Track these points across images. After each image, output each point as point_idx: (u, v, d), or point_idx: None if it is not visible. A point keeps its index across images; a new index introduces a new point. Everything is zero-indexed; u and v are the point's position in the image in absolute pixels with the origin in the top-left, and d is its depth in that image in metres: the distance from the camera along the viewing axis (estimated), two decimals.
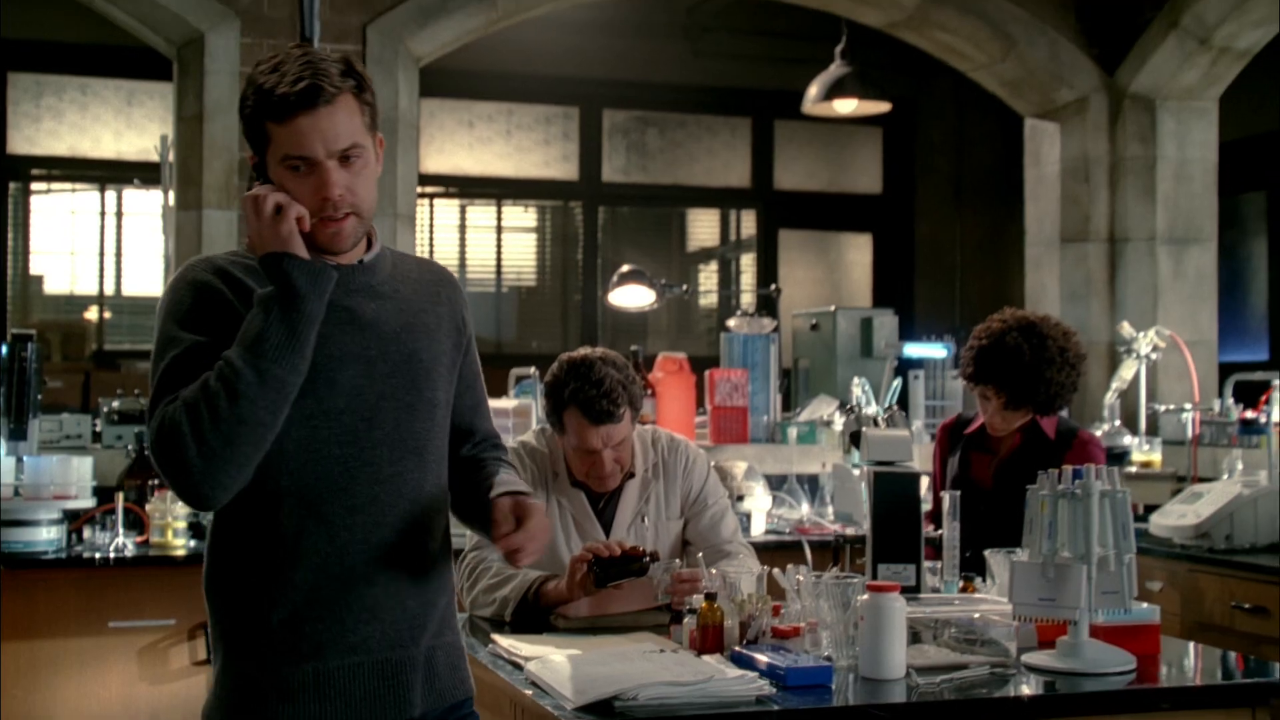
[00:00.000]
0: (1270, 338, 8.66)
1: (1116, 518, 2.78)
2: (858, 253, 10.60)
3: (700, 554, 3.28)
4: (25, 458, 4.49)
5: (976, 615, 2.86)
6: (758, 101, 9.94)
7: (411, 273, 2.40)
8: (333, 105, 2.17)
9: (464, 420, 2.47)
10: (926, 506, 3.62)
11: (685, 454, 3.44)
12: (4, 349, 4.79)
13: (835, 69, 7.27)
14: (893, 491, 3.03)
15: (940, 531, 3.28)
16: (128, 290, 9.17)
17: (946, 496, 3.26)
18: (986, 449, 3.95)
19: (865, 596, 2.65)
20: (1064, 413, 3.98)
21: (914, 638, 2.80)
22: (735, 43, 9.53)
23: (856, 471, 4.34)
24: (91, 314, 9.06)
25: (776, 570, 2.94)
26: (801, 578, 2.85)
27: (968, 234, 10.29)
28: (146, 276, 9.12)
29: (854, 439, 3.28)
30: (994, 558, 3.15)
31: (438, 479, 2.37)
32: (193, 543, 4.65)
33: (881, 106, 7.54)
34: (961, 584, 3.19)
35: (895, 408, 3.46)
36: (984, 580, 3.24)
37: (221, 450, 2.09)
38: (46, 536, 4.39)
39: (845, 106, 7.44)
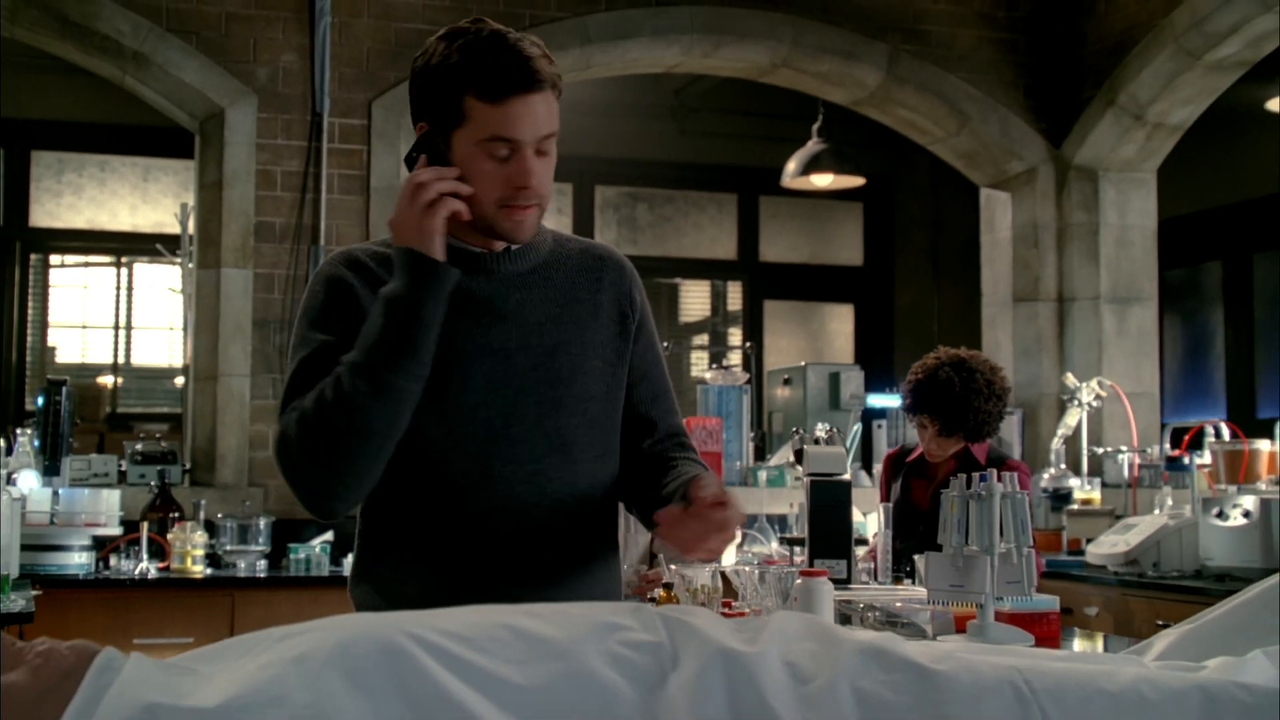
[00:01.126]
0: (1226, 399, 9.10)
1: (1016, 516, 3.20)
2: (840, 322, 10.94)
3: (663, 557, 3.69)
4: (60, 490, 4.93)
5: (898, 603, 3.29)
6: (743, 178, 10.27)
7: (571, 259, 2.25)
8: (544, 92, 2.05)
9: (641, 411, 2.30)
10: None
11: None
12: (40, 398, 5.26)
13: (812, 145, 7.70)
14: (827, 497, 3.46)
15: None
16: (137, 360, 9.53)
17: (881, 509, 3.71)
18: (925, 475, 4.38)
19: (799, 582, 3.08)
20: (995, 442, 4.42)
21: (844, 620, 3.22)
22: (721, 122, 9.83)
23: None
24: (105, 379, 9.45)
25: (726, 567, 3.37)
26: (748, 569, 3.28)
27: (945, 303, 10.67)
28: (155, 347, 9.52)
29: (798, 456, 3.72)
30: (920, 559, 3.58)
31: (593, 478, 2.22)
32: (210, 570, 5.09)
33: (856, 181, 7.97)
34: (892, 583, 3.63)
35: (834, 430, 3.89)
36: (914, 582, 3.67)
37: (334, 463, 2.00)
38: (78, 560, 4.83)
39: (822, 180, 7.90)
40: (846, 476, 3.53)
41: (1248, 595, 2.08)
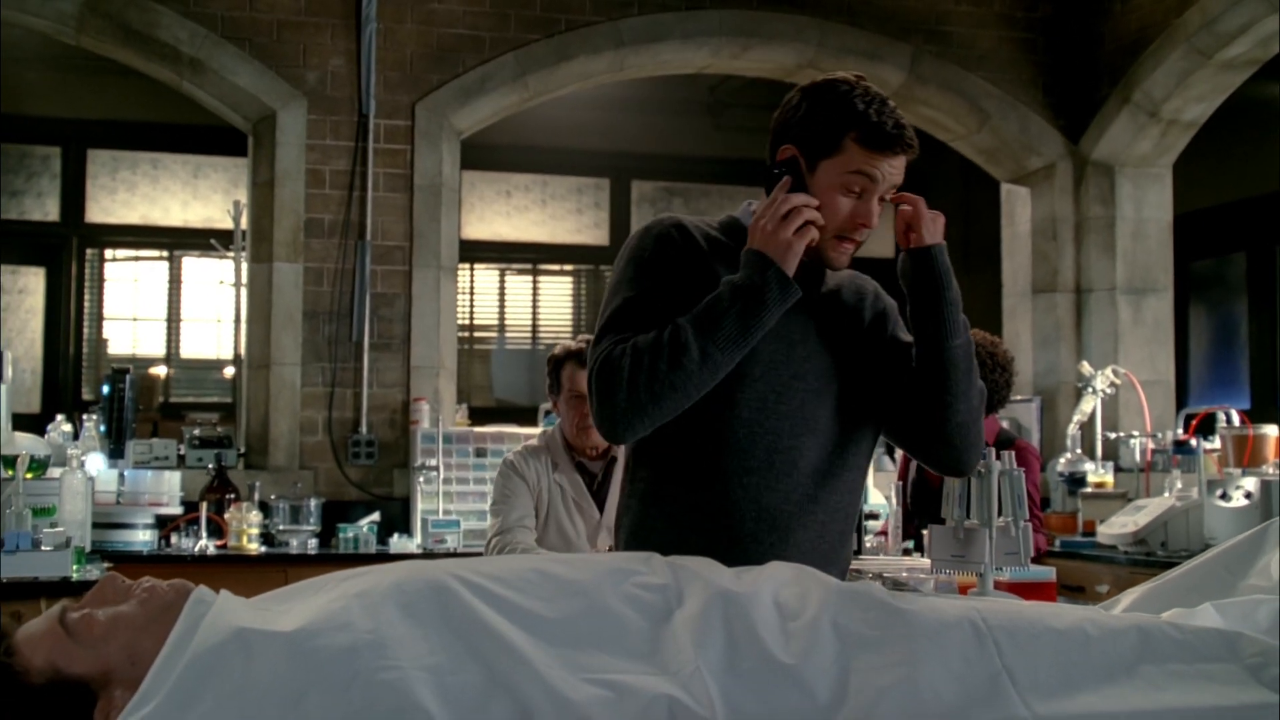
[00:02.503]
0: (1251, 387, 9.25)
1: (1014, 491, 3.44)
2: None
3: None
4: (125, 471, 5.24)
5: (904, 572, 3.54)
6: None
7: (844, 279, 2.51)
8: (904, 156, 2.35)
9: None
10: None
11: None
12: (105, 386, 5.57)
13: None
14: None
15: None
16: (186, 351, 9.81)
17: (894, 487, 3.96)
18: None
19: None
20: (1009, 425, 4.64)
21: None
22: (754, 117, 9.83)
23: None
24: (157, 370, 9.74)
25: None
26: None
27: (975, 297, 10.75)
28: (204, 339, 9.80)
29: None
30: (927, 531, 3.83)
31: (843, 462, 2.45)
32: (264, 548, 5.40)
33: None
34: (902, 554, 3.88)
35: None
36: (924, 555, 3.91)
37: (646, 404, 2.24)
38: (142, 538, 5.15)
39: None
40: None
41: (1206, 556, 2.32)
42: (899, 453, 4.86)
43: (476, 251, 9.89)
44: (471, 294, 10.05)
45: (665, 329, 2.26)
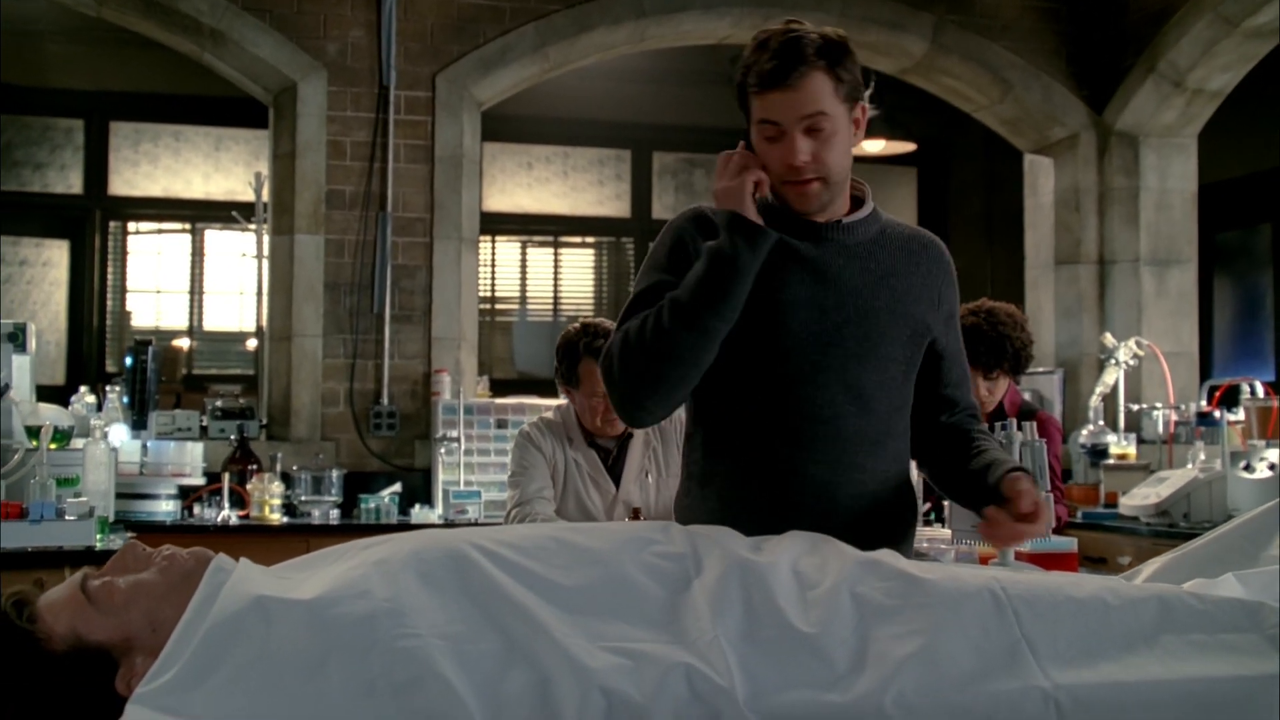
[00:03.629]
0: (1275, 359, 9.20)
1: (1035, 462, 3.44)
2: None
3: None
4: (148, 442, 5.27)
5: (925, 543, 3.54)
6: None
7: (896, 240, 2.45)
8: (802, 81, 2.26)
9: (946, 391, 2.54)
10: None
11: (679, 420, 4.05)
12: (129, 358, 5.59)
13: None
14: None
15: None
16: (209, 324, 9.80)
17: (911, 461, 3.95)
18: None
19: None
20: (1030, 397, 4.62)
21: None
22: None
23: None
24: (180, 342, 9.78)
25: None
26: None
27: (998, 268, 10.78)
28: (227, 311, 9.81)
29: None
30: (948, 502, 3.82)
31: (887, 430, 2.42)
32: (286, 518, 5.42)
33: (908, 146, 8.15)
34: (923, 526, 3.87)
35: None
36: (945, 526, 3.91)
37: (645, 379, 2.29)
38: (165, 508, 5.18)
39: (873, 146, 8.08)
40: None
41: (1229, 527, 2.31)
42: None
43: (498, 224, 9.85)
44: (493, 266, 10.02)
45: (654, 308, 2.30)
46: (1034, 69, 6.78)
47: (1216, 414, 5.44)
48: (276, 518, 5.36)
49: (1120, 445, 5.93)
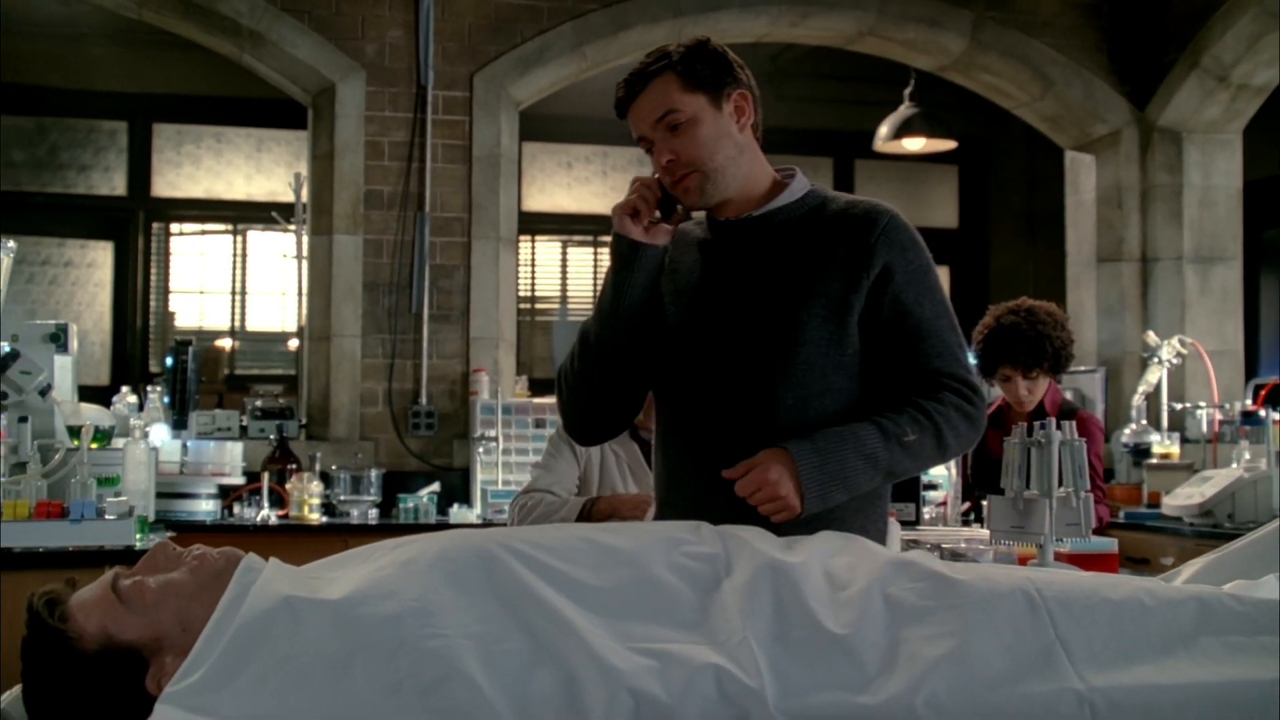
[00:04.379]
0: None
1: (1074, 462, 3.40)
2: None
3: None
4: (188, 442, 5.29)
5: (963, 543, 3.51)
6: (838, 142, 10.33)
7: (821, 218, 2.41)
8: (645, 90, 2.38)
9: (937, 365, 2.38)
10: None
11: None
12: (169, 358, 5.62)
13: (904, 110, 7.80)
14: None
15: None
16: (251, 324, 9.85)
17: (952, 461, 3.93)
18: (1002, 427, 4.56)
19: None
20: (1071, 396, 4.58)
21: None
22: (816, 87, 9.84)
23: None
24: (223, 342, 9.84)
25: None
26: None
27: (1040, 266, 10.70)
28: (269, 312, 9.86)
29: None
30: (987, 502, 3.79)
31: (802, 418, 2.32)
32: (325, 518, 5.44)
33: (948, 144, 8.06)
34: (961, 525, 3.85)
35: None
36: (983, 526, 3.88)
37: (570, 396, 2.48)
38: (205, 508, 5.20)
39: (914, 144, 8.01)
40: None
41: (1270, 527, 2.27)
42: None
43: (538, 223, 9.89)
44: (534, 266, 10.06)
45: None
46: (1075, 65, 6.72)
47: (1262, 413, 5.37)
48: (316, 517, 5.38)
49: (1163, 444, 5.87)
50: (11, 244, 4.12)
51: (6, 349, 4.17)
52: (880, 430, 2.30)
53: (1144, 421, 6.01)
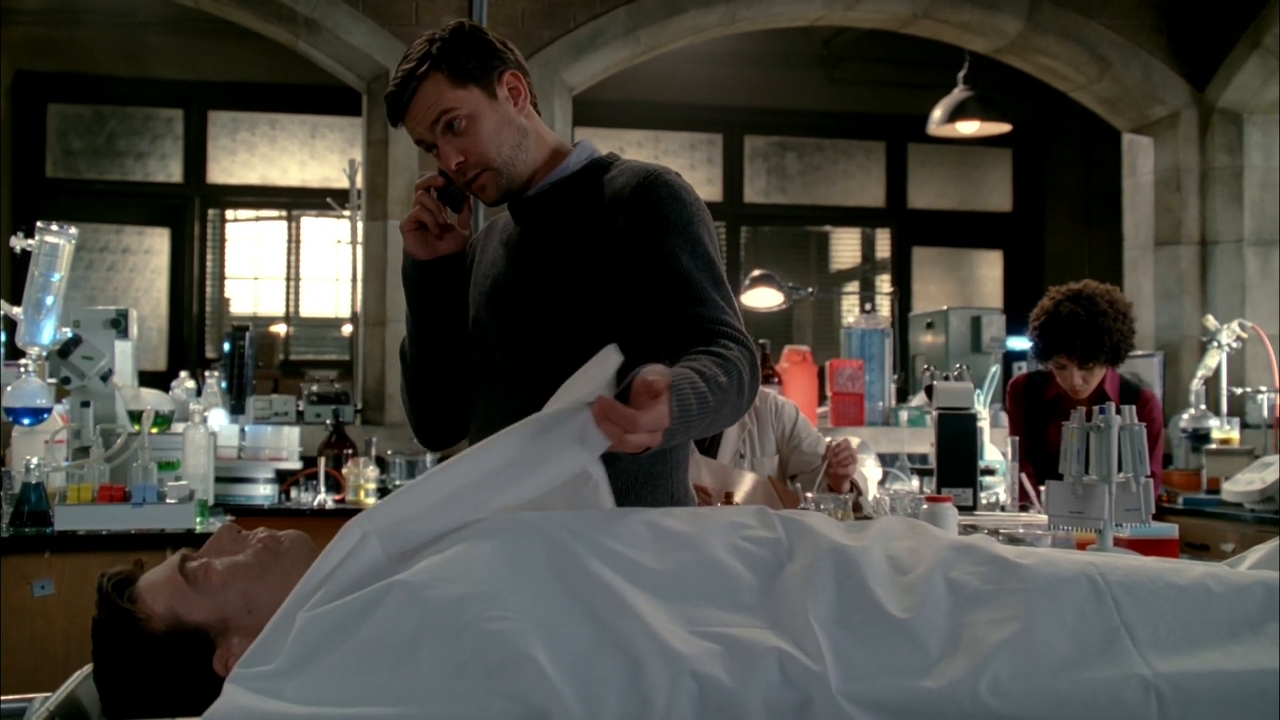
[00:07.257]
0: None
1: (1133, 446, 3.37)
2: (989, 268, 10.92)
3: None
4: (246, 427, 5.34)
5: (1021, 528, 3.49)
6: (891, 125, 10.30)
7: (592, 186, 2.35)
8: (414, 97, 2.27)
9: (694, 310, 2.24)
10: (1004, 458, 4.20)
11: (773, 400, 4.07)
12: (226, 344, 5.67)
13: (958, 93, 7.73)
14: (954, 430, 3.67)
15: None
16: (305, 310, 9.97)
17: (1009, 443, 3.90)
18: (1062, 414, 4.53)
19: (926, 507, 3.30)
20: (1127, 375, 4.53)
21: None
22: (869, 70, 9.84)
23: None
24: (277, 328, 9.93)
25: (862, 497, 3.60)
26: (879, 495, 3.51)
27: (1096, 249, 10.62)
28: (323, 298, 9.96)
29: (928, 391, 3.92)
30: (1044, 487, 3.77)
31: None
32: None
33: (1002, 127, 7.99)
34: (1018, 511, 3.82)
35: (964, 367, 4.08)
36: (1041, 511, 3.85)
37: (408, 410, 2.54)
38: (263, 492, 5.25)
39: (968, 128, 7.94)
40: (975, 410, 3.73)
41: None
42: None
43: None
44: None
45: None
46: (1133, 46, 6.65)
47: None
48: (371, 501, 5.41)
49: (1223, 430, 5.82)
50: (74, 230, 4.17)
51: (69, 334, 4.22)
52: (699, 374, 2.08)
53: (1203, 406, 5.95)
